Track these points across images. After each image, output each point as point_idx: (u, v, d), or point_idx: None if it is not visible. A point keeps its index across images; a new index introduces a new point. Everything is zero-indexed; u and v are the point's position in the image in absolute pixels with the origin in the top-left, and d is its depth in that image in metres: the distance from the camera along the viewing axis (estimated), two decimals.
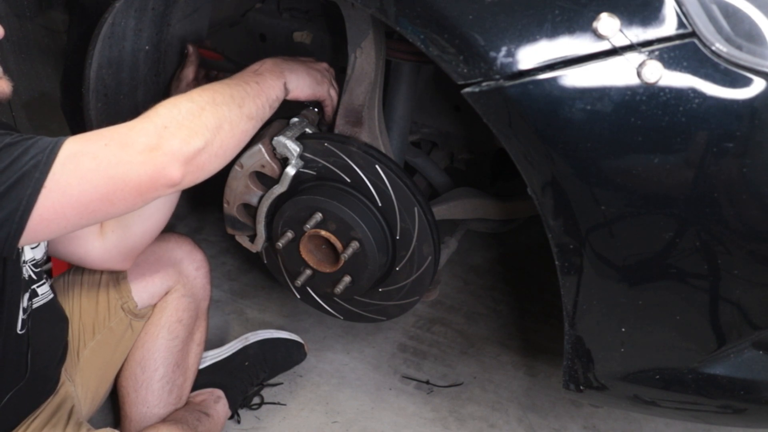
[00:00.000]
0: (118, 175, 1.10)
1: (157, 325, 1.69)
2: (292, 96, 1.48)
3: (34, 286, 1.41)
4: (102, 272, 1.65)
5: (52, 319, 1.49)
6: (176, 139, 1.14)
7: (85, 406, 1.61)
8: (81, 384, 1.60)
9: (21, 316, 1.35)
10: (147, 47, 1.73)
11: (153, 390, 1.67)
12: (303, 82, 1.49)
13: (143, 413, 1.67)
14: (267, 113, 1.37)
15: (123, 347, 1.67)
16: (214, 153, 1.20)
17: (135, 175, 1.11)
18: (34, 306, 1.41)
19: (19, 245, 1.11)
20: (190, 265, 1.74)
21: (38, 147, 1.08)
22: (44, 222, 1.08)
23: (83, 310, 1.62)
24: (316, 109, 1.65)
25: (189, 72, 1.68)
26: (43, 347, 1.44)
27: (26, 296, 1.38)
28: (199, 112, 1.19)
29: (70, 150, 1.09)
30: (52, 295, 1.46)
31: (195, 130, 1.16)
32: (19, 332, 1.35)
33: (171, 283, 1.71)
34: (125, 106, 1.79)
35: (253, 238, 1.75)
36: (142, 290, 1.67)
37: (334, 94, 1.60)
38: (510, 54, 1.10)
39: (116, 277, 1.65)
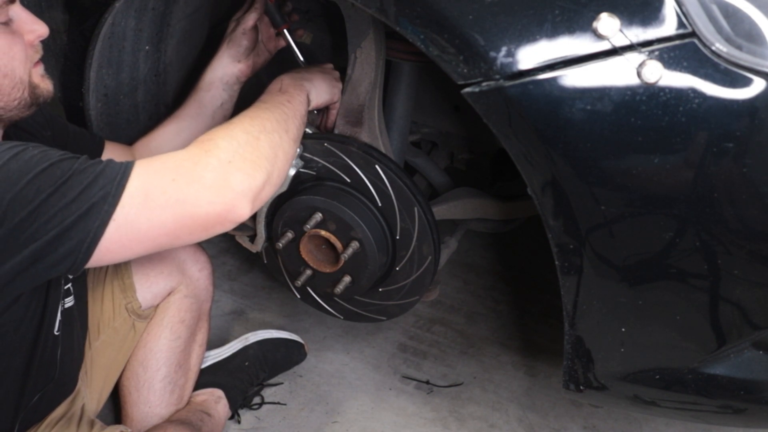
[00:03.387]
0: (186, 213, 1.10)
1: (159, 326, 1.69)
2: (314, 105, 1.52)
3: (67, 286, 1.42)
4: (106, 271, 1.65)
5: (78, 319, 1.49)
6: (242, 174, 1.14)
7: (91, 406, 1.61)
8: (87, 384, 1.61)
9: (59, 317, 1.36)
10: (147, 47, 1.73)
11: (155, 390, 1.67)
12: (321, 90, 1.53)
13: (145, 413, 1.67)
14: (302, 131, 1.41)
15: (126, 348, 1.67)
16: (274, 183, 1.22)
17: (204, 212, 1.11)
18: (66, 306, 1.41)
19: None
20: (193, 265, 1.74)
21: (107, 176, 1.07)
22: (110, 253, 1.09)
23: (88, 311, 1.62)
24: (315, 111, 1.65)
25: (250, 19, 1.65)
26: (70, 347, 1.45)
27: (63, 297, 1.38)
28: (255, 143, 1.20)
29: (140, 183, 1.08)
30: (73, 296, 1.46)
31: (257, 162, 1.18)
32: (56, 333, 1.36)
33: (174, 284, 1.71)
34: (125, 106, 1.79)
35: (253, 239, 1.75)
36: (146, 290, 1.67)
37: (340, 87, 1.63)
38: (510, 54, 1.10)
39: (121, 277, 1.65)
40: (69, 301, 1.43)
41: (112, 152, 1.59)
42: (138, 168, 1.10)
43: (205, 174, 1.11)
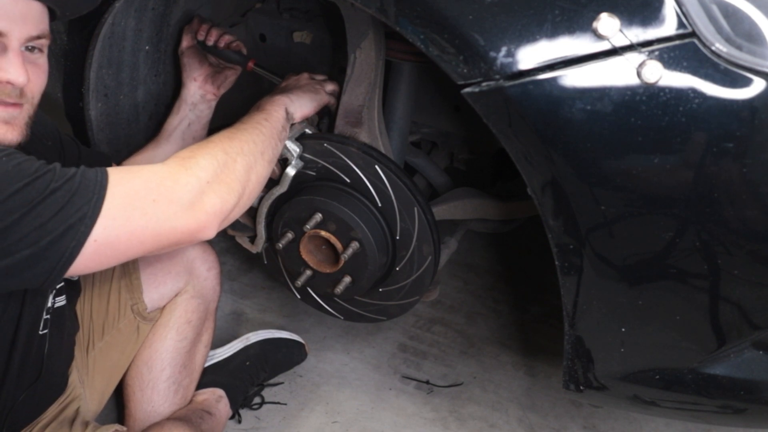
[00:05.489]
0: (164, 233, 1.14)
1: (165, 326, 1.68)
2: (299, 117, 1.54)
3: (59, 285, 1.42)
4: (114, 270, 1.65)
5: (68, 319, 1.49)
6: (217, 196, 1.20)
7: (92, 407, 1.61)
8: (89, 385, 1.60)
9: (44, 315, 1.36)
10: (147, 47, 1.73)
11: (159, 390, 1.67)
12: (302, 102, 1.55)
13: (148, 412, 1.67)
14: (279, 150, 1.45)
15: (130, 350, 1.67)
16: (243, 205, 1.28)
17: (179, 232, 1.16)
18: (56, 305, 1.41)
19: None
20: (202, 265, 1.73)
21: (82, 195, 1.07)
22: (84, 268, 1.11)
23: (94, 310, 1.62)
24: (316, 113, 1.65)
25: (183, 40, 1.77)
26: (59, 346, 1.45)
27: (51, 295, 1.38)
28: (233, 165, 1.25)
29: (120, 203, 1.10)
30: (64, 296, 1.46)
31: (231, 185, 1.23)
32: (41, 332, 1.36)
33: (182, 285, 1.70)
34: (125, 106, 1.79)
35: (253, 239, 1.75)
36: (153, 290, 1.67)
37: (332, 88, 1.65)
38: (510, 54, 1.10)
39: (129, 277, 1.65)
40: (60, 301, 1.43)
41: None
42: (117, 186, 1.11)
43: (183, 195, 1.15)
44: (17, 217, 1.03)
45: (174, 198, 1.14)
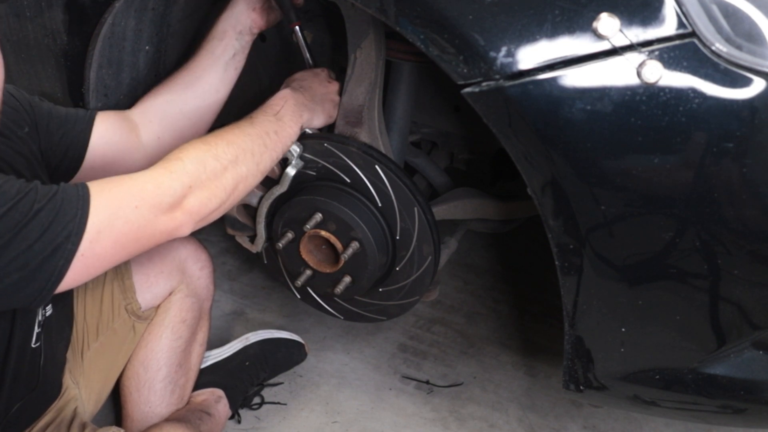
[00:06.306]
0: (145, 236, 1.17)
1: (160, 326, 1.68)
2: (305, 127, 1.55)
3: None
4: (106, 273, 1.64)
5: (59, 326, 1.48)
6: (197, 200, 1.21)
7: (88, 408, 1.61)
8: (85, 386, 1.60)
9: (36, 329, 1.35)
10: (147, 47, 1.73)
11: (155, 390, 1.67)
12: (318, 117, 1.57)
13: (145, 413, 1.67)
14: (278, 159, 1.46)
15: (126, 349, 1.67)
16: (224, 209, 1.29)
17: (158, 232, 1.19)
18: (46, 315, 1.41)
19: None
20: (194, 264, 1.73)
21: (66, 213, 1.08)
22: (73, 282, 1.12)
23: (87, 311, 1.61)
24: None
25: None
26: (52, 354, 1.45)
27: (43, 307, 1.38)
28: (221, 174, 1.26)
29: (103, 215, 1.11)
30: (50, 305, 1.45)
31: (215, 192, 1.24)
32: (34, 346, 1.35)
33: (174, 284, 1.70)
34: (125, 107, 1.79)
35: (253, 239, 1.75)
36: (146, 291, 1.67)
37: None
38: (510, 54, 1.10)
39: (121, 277, 1.65)
40: (48, 310, 1.42)
41: (105, 122, 1.52)
42: (99, 198, 1.11)
43: (164, 199, 1.17)
44: (5, 241, 1.03)
45: (155, 202, 1.16)
